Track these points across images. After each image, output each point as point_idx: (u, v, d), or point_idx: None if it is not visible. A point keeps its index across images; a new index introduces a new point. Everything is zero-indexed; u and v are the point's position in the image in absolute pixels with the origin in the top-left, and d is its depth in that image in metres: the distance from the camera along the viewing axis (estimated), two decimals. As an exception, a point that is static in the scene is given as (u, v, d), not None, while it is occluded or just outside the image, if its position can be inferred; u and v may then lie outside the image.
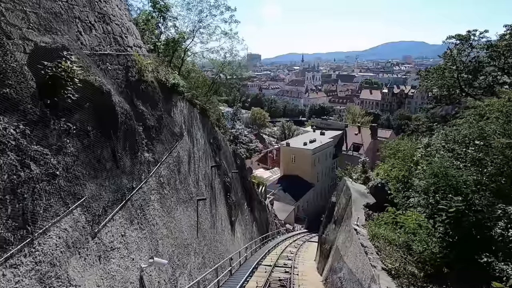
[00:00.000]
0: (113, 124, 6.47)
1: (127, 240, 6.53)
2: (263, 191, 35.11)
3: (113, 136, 6.43)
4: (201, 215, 12.59)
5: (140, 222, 7.23)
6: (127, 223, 6.65)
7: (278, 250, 26.23)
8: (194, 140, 13.82)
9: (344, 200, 17.29)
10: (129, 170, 7.05)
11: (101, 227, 5.71)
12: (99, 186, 5.89)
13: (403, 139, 21.86)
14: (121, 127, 6.77)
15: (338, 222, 16.99)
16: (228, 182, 18.50)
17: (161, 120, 10.08)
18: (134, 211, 7.05)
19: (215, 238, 14.12)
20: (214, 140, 17.95)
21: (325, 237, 18.87)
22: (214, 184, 15.87)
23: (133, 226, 6.88)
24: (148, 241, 7.48)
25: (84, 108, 5.79)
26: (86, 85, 5.89)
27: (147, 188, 7.96)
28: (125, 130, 6.99)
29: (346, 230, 14.07)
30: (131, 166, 7.17)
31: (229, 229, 17.39)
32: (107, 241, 5.86)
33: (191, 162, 12.70)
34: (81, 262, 4.98)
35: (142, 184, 7.62)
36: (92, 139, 5.82)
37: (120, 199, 6.53)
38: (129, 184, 7.01)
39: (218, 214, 15.50)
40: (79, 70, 5.74)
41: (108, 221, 6.02)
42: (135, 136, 7.57)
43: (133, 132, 7.44)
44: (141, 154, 7.85)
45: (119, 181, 6.60)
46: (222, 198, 17.02)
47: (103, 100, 6.18)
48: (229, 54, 20.30)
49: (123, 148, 6.87)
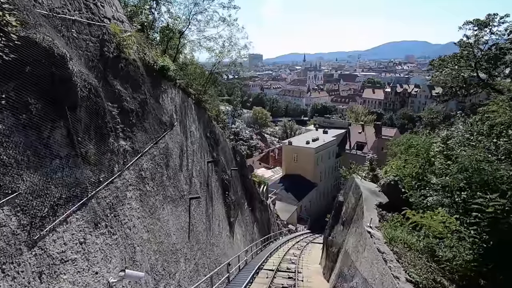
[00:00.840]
0: (69, 99, 4.98)
1: (88, 248, 5.03)
2: (264, 191, 33.60)
3: (70, 115, 4.94)
4: (194, 215, 11.10)
5: (109, 225, 5.73)
6: (88, 226, 5.15)
7: (280, 252, 24.68)
8: (187, 132, 12.34)
9: (353, 199, 15.73)
10: (94, 160, 5.55)
11: (45, 232, 4.22)
12: (46, 178, 4.39)
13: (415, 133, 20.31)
14: (82, 104, 5.27)
15: (346, 223, 15.44)
16: (226, 180, 17.01)
17: (145, 105, 8.60)
18: (101, 211, 5.55)
19: (211, 241, 12.62)
20: (211, 134, 16.46)
21: (332, 239, 17.32)
22: (210, 182, 14.37)
23: (98, 230, 5.38)
24: (121, 249, 5.98)
25: (25, 73, 4.32)
26: (29, 45, 4.41)
27: (122, 183, 6.46)
28: (89, 108, 5.50)
29: (357, 232, 12.53)
30: (98, 155, 5.67)
31: (227, 231, 15.88)
32: (55, 252, 4.36)
33: (183, 156, 11.22)
34: (5, 284, 3.49)
35: (114, 177, 6.12)
36: (35, 115, 4.33)
37: (79, 195, 5.03)
38: (95, 177, 5.52)
39: (215, 214, 14.00)
40: (15, 22, 4.27)
41: (59, 225, 4.52)
42: (105, 118, 6.07)
43: (102, 112, 5.94)
44: (114, 141, 6.35)
45: (79, 173, 5.11)
46: (219, 197, 15.52)
47: (54, 67, 4.70)
48: (228, 42, 18.77)
49: (86, 131, 5.38)
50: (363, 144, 61.98)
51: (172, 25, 16.55)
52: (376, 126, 64.27)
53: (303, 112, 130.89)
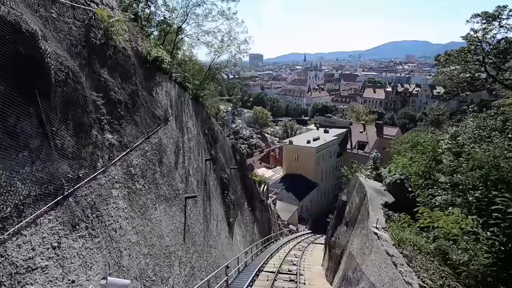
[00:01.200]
0: (41, 83, 4.34)
1: (63, 253, 4.39)
2: (265, 190, 32.97)
3: (42, 101, 4.31)
4: (190, 216, 10.45)
5: (90, 227, 5.09)
6: (64, 228, 4.51)
7: (281, 253, 24.02)
8: (184, 129, 11.70)
9: (357, 199, 15.08)
10: (73, 153, 4.91)
11: (6, 236, 3.58)
12: (9, 173, 3.76)
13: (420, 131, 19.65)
14: (57, 89, 4.63)
15: (350, 223, 14.79)
16: (225, 179, 16.36)
17: (136, 97, 7.96)
18: (80, 211, 4.91)
19: (209, 243, 11.98)
20: (210, 131, 15.82)
21: (335, 241, 16.67)
22: (208, 181, 13.72)
23: (76, 232, 4.73)
24: (104, 253, 5.34)
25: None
26: (-10, 18, 3.79)
27: (107, 180, 5.82)
28: (67, 95, 4.86)
29: (363, 233, 11.87)
30: (78, 148, 5.03)
31: (226, 232, 15.23)
32: (20, 258, 3.72)
33: (179, 153, 10.57)
34: None
35: (97, 174, 5.48)
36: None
37: (52, 193, 4.39)
38: (73, 172, 4.88)
39: (213, 214, 13.35)
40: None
41: (26, 227, 3.88)
42: (87, 108, 5.43)
43: (82, 101, 5.30)
44: (97, 133, 5.71)
45: (53, 168, 4.46)
46: (218, 196, 14.87)
47: (21, 45, 4.06)
48: (227, 37, 18.12)
49: (62, 121, 4.74)
50: (365, 143, 61.30)
51: (169, 18, 15.94)
52: (378, 125, 63.60)
53: (304, 111, 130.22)
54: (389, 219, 12.11)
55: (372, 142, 60.63)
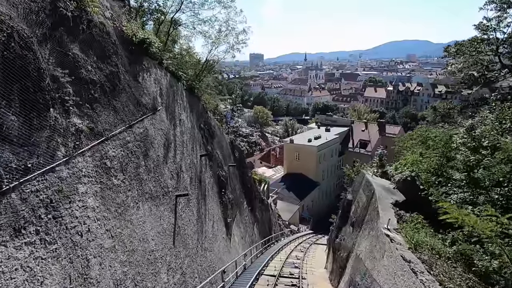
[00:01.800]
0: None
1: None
2: (265, 189, 31.88)
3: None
4: (182, 216, 9.39)
5: (44, 230, 4.03)
6: (2, 234, 3.44)
7: (282, 255, 22.94)
8: (176, 120, 10.64)
9: (364, 198, 14.00)
10: (18, 137, 3.85)
11: None
12: None
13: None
14: (-7, 53, 3.58)
15: (357, 224, 13.72)
16: (223, 177, 15.29)
17: (116, 80, 6.89)
18: (28, 212, 3.85)
19: (203, 246, 10.91)
20: (206, 126, 14.76)
21: (340, 242, 15.59)
22: (204, 178, 12.66)
23: (21, 238, 3.67)
24: (64, 263, 4.27)
25: None
26: None
27: (71, 173, 4.75)
28: (9, 63, 3.80)
29: (372, 235, 10.79)
30: (26, 131, 3.97)
31: (223, 233, 14.16)
32: None
33: (169, 146, 9.51)
34: None
35: (55, 165, 4.42)
36: None
37: (-17, 187, 3.34)
38: (19, 162, 3.82)
39: (209, 214, 12.28)
40: None
41: None
42: (42, 83, 4.36)
43: (35, 74, 4.23)
44: (59, 116, 4.65)
45: (-13, 154, 3.42)
46: (214, 195, 13.80)
47: None
48: (225, 27, 17.06)
49: (5, 96, 3.68)
50: (367, 142, 60.15)
51: (163, 7, 14.87)
52: (380, 123, 62.48)
53: (305, 111, 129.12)
54: (401, 219, 11.03)
55: (374, 141, 59.49)
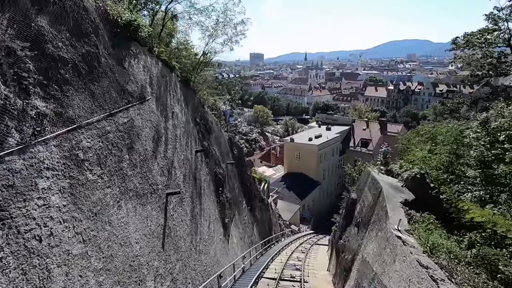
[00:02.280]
0: None
1: None
2: (265, 189, 31.03)
3: None
4: (173, 216, 8.53)
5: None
6: None
7: (283, 256, 22.10)
8: (168, 113, 9.78)
9: (370, 197, 13.14)
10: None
11: None
12: None
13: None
14: None
15: (362, 225, 12.87)
16: (220, 175, 14.44)
17: (95, 62, 6.04)
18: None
19: (198, 248, 10.06)
20: (202, 120, 13.91)
21: (344, 244, 14.74)
22: (199, 176, 11.80)
23: None
24: (14, 275, 3.42)
25: None
26: None
27: (27, 165, 3.90)
28: None
29: (380, 236, 9.94)
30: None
31: (221, 234, 13.30)
32: None
33: (159, 140, 8.66)
34: None
35: (4, 153, 3.57)
36: None
37: None
38: None
39: (205, 214, 11.43)
40: None
41: None
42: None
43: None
44: (12, 94, 3.80)
45: None
46: (211, 194, 12.95)
47: None
48: (223, 17, 16.20)
49: None
50: (368, 141, 59.27)
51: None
52: (381, 122, 61.60)
53: (305, 110, 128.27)
54: (411, 219, 10.17)
55: (375, 140, 58.60)
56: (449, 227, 9.68)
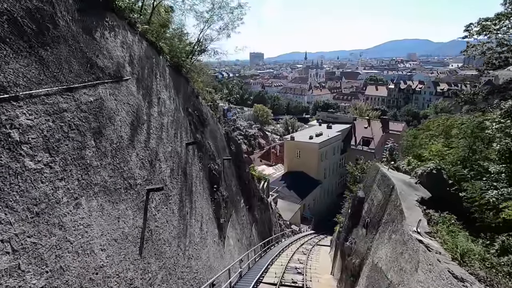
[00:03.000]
0: None
1: None
2: (265, 187, 29.74)
3: None
4: (156, 216, 7.24)
5: None
6: None
7: (283, 258, 20.82)
8: (152, 97, 8.50)
9: (380, 195, 11.86)
10: None
11: None
12: None
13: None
14: None
15: (372, 226, 11.59)
16: (215, 171, 13.16)
17: (49, 23, 4.75)
18: None
19: (187, 253, 8.77)
20: (196, 111, 12.62)
21: (351, 246, 13.46)
22: (190, 171, 10.51)
23: None
24: None
25: None
26: None
27: None
28: None
29: (396, 240, 8.66)
30: None
31: (215, 236, 12.01)
32: None
33: (139, 127, 7.37)
34: None
35: None
36: None
37: None
38: None
39: (196, 214, 10.13)
40: None
41: None
42: None
43: None
44: None
45: None
46: (204, 191, 11.66)
47: None
48: (219, 1, 14.92)
49: None
50: (370, 139, 57.97)
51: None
52: (383, 120, 60.38)
53: (305, 109, 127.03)
54: (431, 220, 8.90)
55: (377, 138, 57.32)
56: (471, 228, 8.45)
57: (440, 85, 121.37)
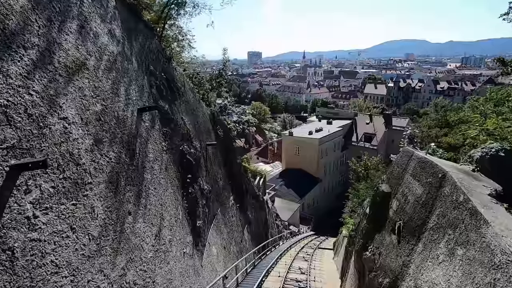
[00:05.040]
0: None
1: None
2: (261, 184, 26.22)
3: None
4: (34, 221, 3.68)
5: None
6: None
7: (281, 267, 17.29)
8: (67, 22, 4.95)
9: (418, 188, 8.34)
10: None
11: None
12: None
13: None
14: None
15: (408, 231, 8.11)
16: (191, 156, 9.61)
17: None
18: None
19: (126, 280, 5.23)
20: (165, 74, 9.07)
21: (373, 258, 9.98)
22: (144, 150, 6.94)
23: None
24: None
25: None
26: None
27: None
28: None
29: (470, 258, 5.02)
30: None
31: (186, 245, 8.45)
32: None
33: (18, 52, 3.81)
34: None
35: None
36: None
37: None
38: None
39: (149, 215, 6.56)
40: None
41: None
42: None
43: None
44: None
45: None
46: (170, 181, 8.09)
47: None
48: None
49: None
50: (372, 135, 54.62)
51: None
52: (386, 115, 57.10)
53: (303, 108, 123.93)
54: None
55: (380, 134, 54.01)
56: None
57: (440, 83, 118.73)
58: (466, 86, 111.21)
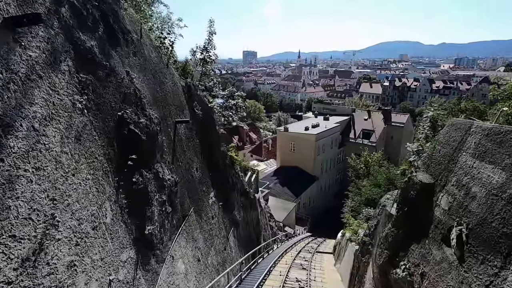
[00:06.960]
0: None
1: None
2: (253, 180, 22.97)
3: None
4: None
5: None
6: None
7: (276, 279, 14.06)
8: None
9: (494, 174, 5.22)
10: None
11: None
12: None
13: None
14: None
15: (486, 244, 4.98)
16: (140, 128, 6.34)
17: None
18: None
19: None
20: (112, 17, 5.78)
21: (411, 280, 6.87)
22: (24, 96, 3.66)
23: None
24: None
25: None
26: None
27: None
28: None
29: None
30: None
31: (119, 267, 5.19)
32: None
33: None
34: None
35: None
36: None
37: None
38: None
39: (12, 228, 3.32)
40: None
41: None
42: None
43: None
44: None
45: None
46: (86, 160, 4.81)
47: None
48: None
49: None
50: (370, 132, 51.71)
51: None
52: (385, 111, 54.30)
53: (298, 106, 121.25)
54: None
55: (379, 131, 51.15)
56: None
57: (435, 83, 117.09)
58: (461, 85, 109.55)
